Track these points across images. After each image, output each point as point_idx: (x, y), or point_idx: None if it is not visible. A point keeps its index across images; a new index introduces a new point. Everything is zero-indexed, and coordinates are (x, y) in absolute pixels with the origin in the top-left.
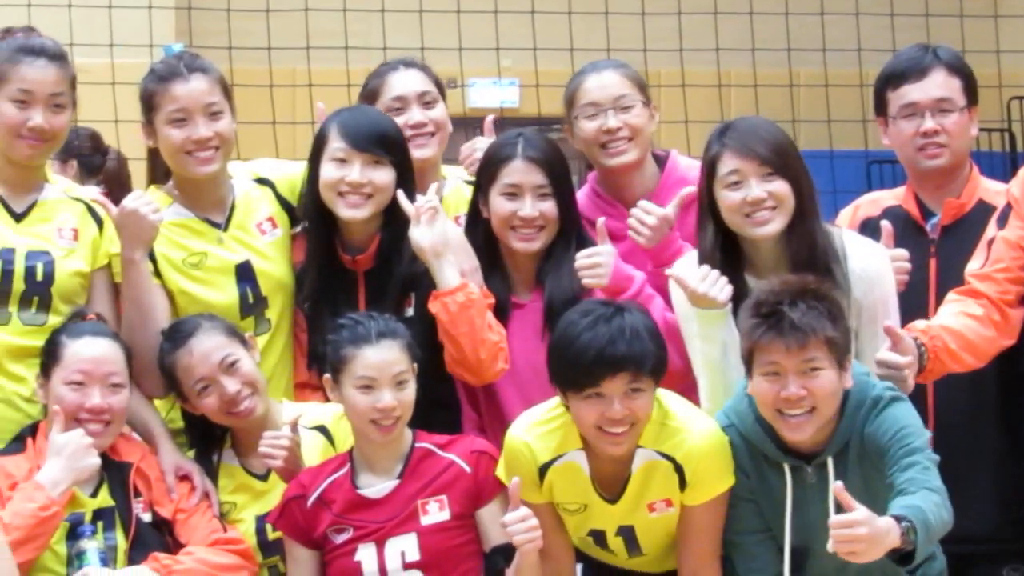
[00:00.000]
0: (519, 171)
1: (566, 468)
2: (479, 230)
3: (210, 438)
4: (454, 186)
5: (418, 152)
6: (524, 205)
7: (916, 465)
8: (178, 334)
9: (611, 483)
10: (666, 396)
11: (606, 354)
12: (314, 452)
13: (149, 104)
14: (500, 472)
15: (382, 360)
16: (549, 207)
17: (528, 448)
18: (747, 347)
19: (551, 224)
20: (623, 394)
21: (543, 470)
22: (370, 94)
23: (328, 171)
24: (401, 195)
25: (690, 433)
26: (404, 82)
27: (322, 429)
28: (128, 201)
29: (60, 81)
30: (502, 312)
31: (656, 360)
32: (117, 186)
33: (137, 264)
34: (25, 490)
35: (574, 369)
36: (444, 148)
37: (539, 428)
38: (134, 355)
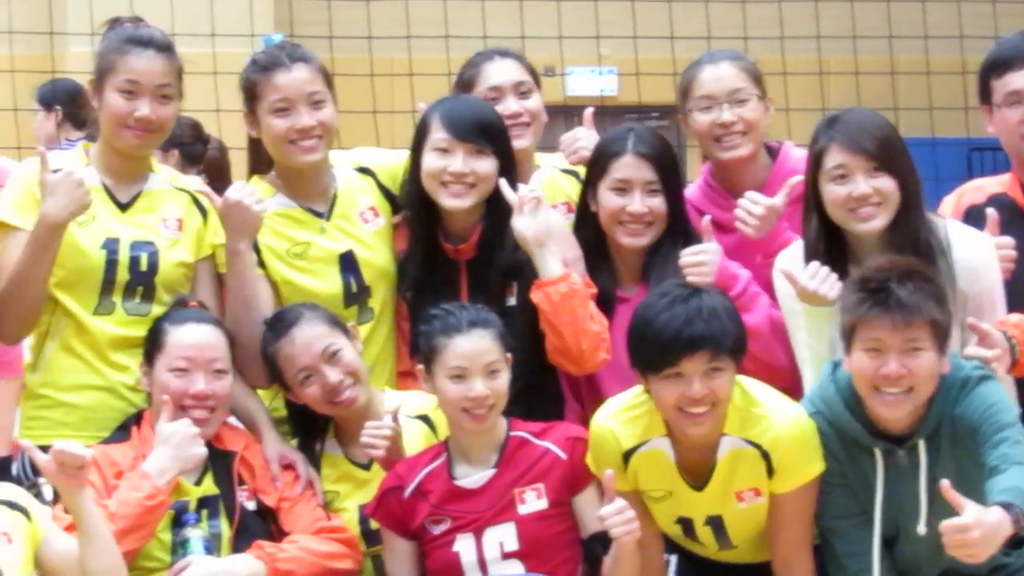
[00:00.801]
0: (629, 166)
1: (650, 455)
2: (588, 224)
3: (313, 427)
4: (550, 175)
5: (514, 142)
6: (633, 201)
7: (1006, 440)
8: (280, 324)
9: (697, 471)
10: (750, 383)
11: (684, 334)
12: (417, 441)
13: (252, 94)
14: (588, 459)
15: (473, 349)
16: (658, 203)
17: (612, 434)
18: (850, 322)
19: (659, 220)
20: (702, 374)
21: (627, 456)
22: (466, 84)
23: (431, 161)
24: (504, 185)
25: (776, 419)
26: (500, 72)
27: (424, 418)
28: (232, 192)
29: (167, 72)
30: (607, 305)
31: (734, 340)
32: (218, 176)
33: (242, 255)
34: (131, 479)
35: (653, 349)
36: (539, 138)
37: (623, 414)
38: (239, 345)
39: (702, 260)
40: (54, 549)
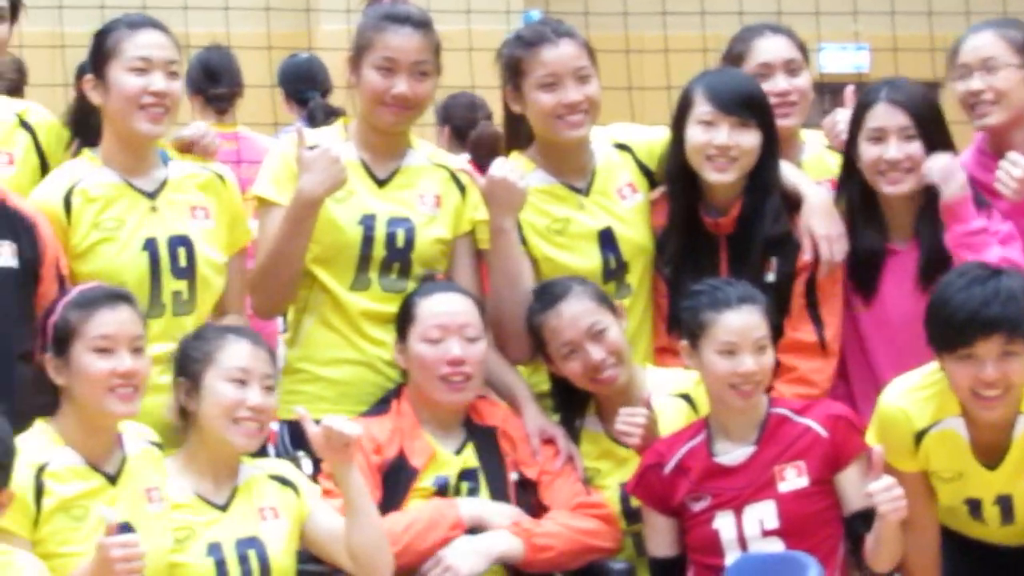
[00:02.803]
0: (882, 114)
1: (943, 435)
2: (854, 180)
3: (574, 403)
4: (816, 152)
5: (781, 121)
6: (889, 148)
7: None
8: (548, 295)
9: (991, 450)
10: None
11: (980, 315)
12: (678, 420)
13: (516, 69)
14: (870, 438)
15: (744, 325)
16: (915, 149)
17: (904, 414)
18: None
19: (919, 166)
20: (997, 356)
21: (919, 437)
22: (735, 58)
23: (695, 134)
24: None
25: None
26: (771, 48)
27: (686, 397)
28: (496, 169)
29: (424, 48)
30: (877, 259)
31: None
32: (488, 153)
33: (507, 232)
34: (438, 507)
35: (948, 329)
36: (806, 117)
37: (916, 394)
38: (501, 321)
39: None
40: (320, 525)
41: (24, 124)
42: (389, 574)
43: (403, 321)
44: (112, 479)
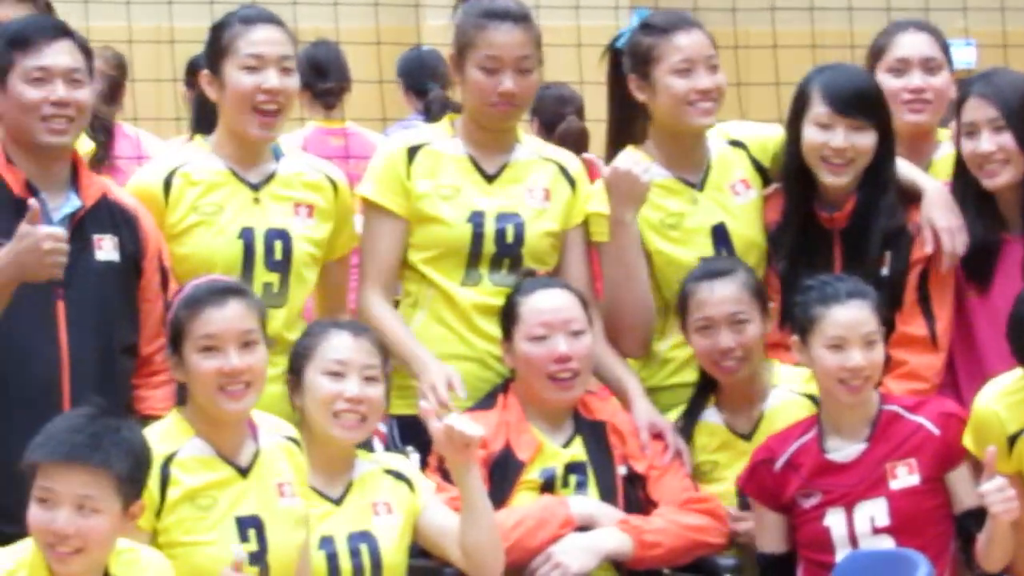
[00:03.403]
0: (973, 108)
1: None
2: (966, 175)
3: (698, 393)
4: (949, 150)
5: (912, 117)
6: (981, 141)
7: None
8: (711, 268)
9: None
10: None
11: None
12: (801, 418)
13: (648, 56)
14: (967, 440)
15: (852, 319)
16: (1006, 140)
17: (997, 417)
18: None
19: (1014, 156)
20: None
21: (1013, 439)
22: (876, 52)
23: (811, 135)
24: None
25: None
26: (911, 44)
27: (812, 397)
28: (621, 162)
29: (525, 43)
30: (993, 249)
31: None
32: (574, 148)
33: (627, 225)
34: (548, 505)
35: None
36: (941, 115)
37: (1007, 398)
38: (616, 314)
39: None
40: (433, 521)
41: None
42: (500, 572)
43: (507, 320)
44: (243, 472)
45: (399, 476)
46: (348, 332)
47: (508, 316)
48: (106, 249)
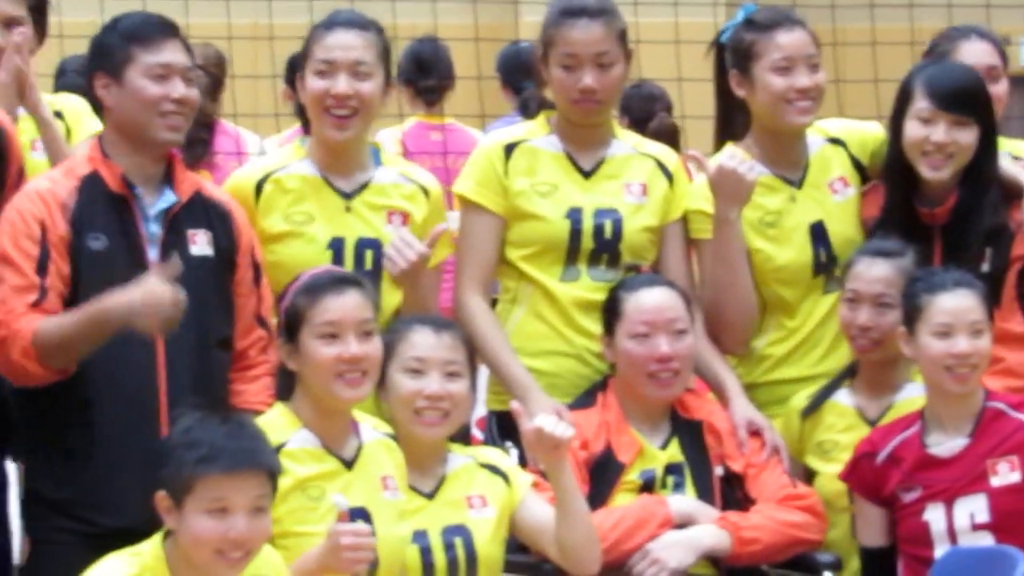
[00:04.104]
0: None
1: None
2: None
3: (841, 374)
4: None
5: None
6: None
7: None
8: (876, 250)
9: None
10: None
11: None
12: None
13: (748, 53)
14: None
15: (958, 306)
16: None
17: None
18: None
19: None
20: None
21: None
22: (939, 56)
23: (913, 130)
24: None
25: None
26: (975, 52)
27: None
28: (726, 159)
29: (604, 39)
30: None
31: None
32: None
33: (732, 223)
34: (646, 504)
35: None
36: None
37: None
38: (718, 311)
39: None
40: (529, 516)
41: (57, 114)
42: (597, 568)
43: (609, 316)
44: (348, 464)
45: (495, 470)
46: (430, 328)
47: (611, 311)
48: (200, 244)
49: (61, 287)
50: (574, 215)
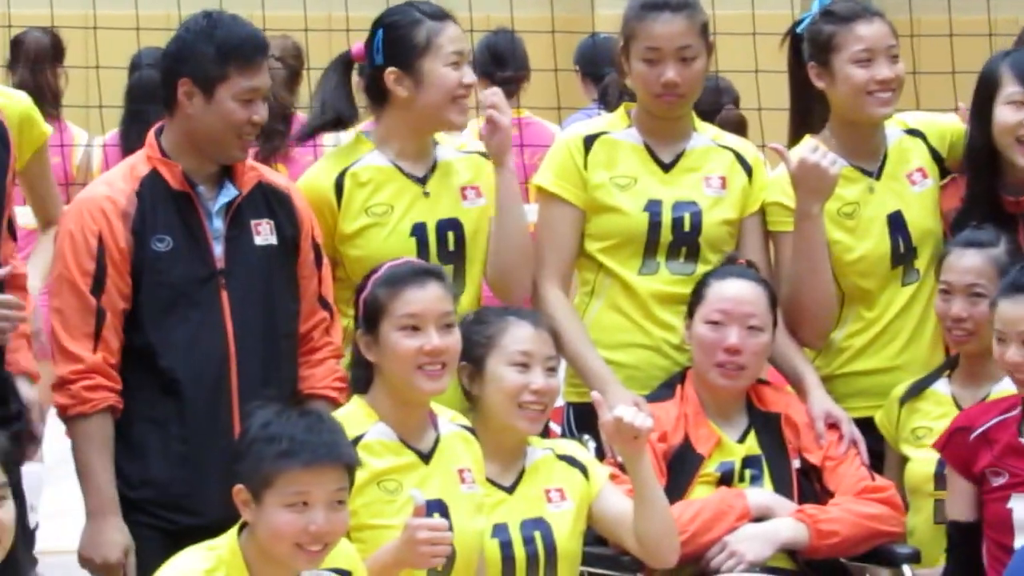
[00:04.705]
0: None
1: None
2: None
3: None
4: None
5: None
6: None
7: None
8: (968, 241)
9: None
10: None
11: None
12: None
13: (828, 44)
14: None
15: None
16: None
17: None
18: None
19: None
20: None
21: None
22: None
23: (1004, 114)
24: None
25: None
26: None
27: None
28: (808, 154)
29: (686, 32)
30: None
31: None
32: None
33: (814, 218)
34: (725, 496)
35: None
36: None
37: None
38: (798, 304)
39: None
40: (607, 507)
41: None
42: (675, 560)
43: (694, 298)
44: (425, 458)
45: (573, 462)
46: (529, 323)
47: (696, 295)
48: (264, 234)
49: (122, 304)
50: (653, 208)
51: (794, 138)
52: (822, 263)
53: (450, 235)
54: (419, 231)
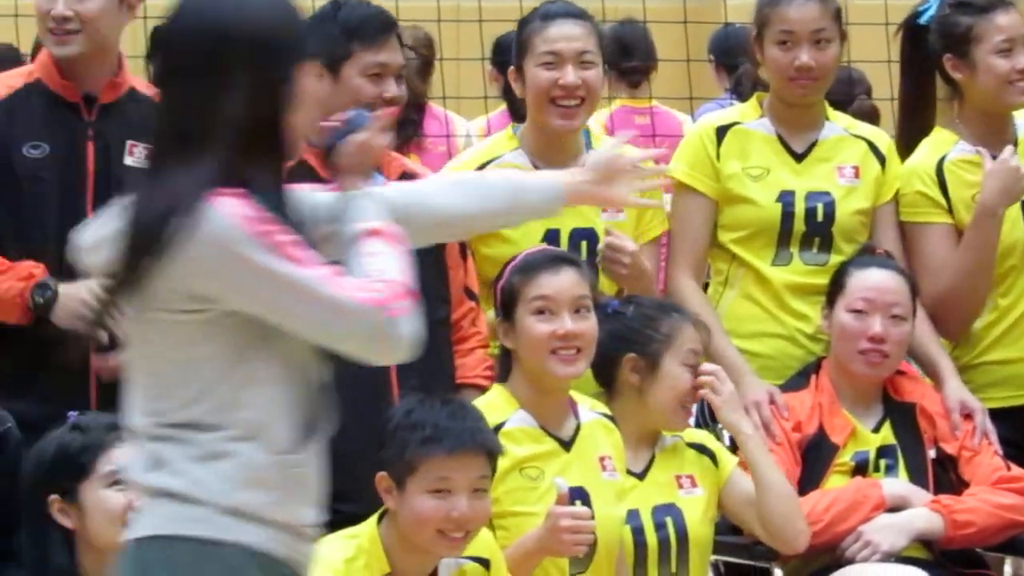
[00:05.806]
0: None
1: None
2: None
3: None
4: None
5: None
6: None
7: None
8: None
9: None
10: None
11: None
12: None
13: (966, 37)
14: None
15: None
16: None
17: None
18: None
19: None
20: None
21: None
22: None
23: None
24: None
25: None
26: None
27: None
28: (1010, 157)
29: (821, 16)
30: None
31: None
32: None
33: (996, 218)
34: (860, 487)
35: None
36: None
37: None
38: (952, 296)
39: None
40: (735, 492)
41: None
42: (804, 545)
43: (834, 287)
44: (566, 445)
45: (703, 450)
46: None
47: (835, 283)
48: None
49: None
50: (786, 199)
51: (905, 128)
52: (988, 263)
53: (583, 245)
54: (551, 237)
